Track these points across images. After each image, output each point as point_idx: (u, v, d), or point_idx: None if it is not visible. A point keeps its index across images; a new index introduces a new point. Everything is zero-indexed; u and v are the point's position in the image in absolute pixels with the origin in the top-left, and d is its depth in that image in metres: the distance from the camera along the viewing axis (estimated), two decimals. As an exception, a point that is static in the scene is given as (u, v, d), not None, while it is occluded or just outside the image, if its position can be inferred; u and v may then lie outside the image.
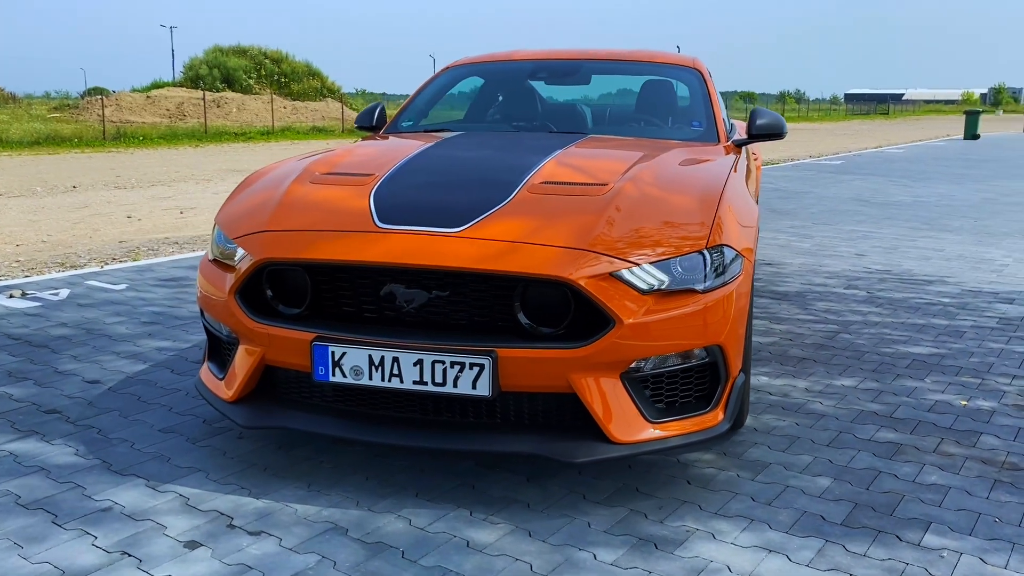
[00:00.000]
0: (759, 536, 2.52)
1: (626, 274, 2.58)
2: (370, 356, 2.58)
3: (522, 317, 2.59)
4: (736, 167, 3.43)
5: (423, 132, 4.23)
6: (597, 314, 2.56)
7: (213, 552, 2.40)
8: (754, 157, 5.21)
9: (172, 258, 6.76)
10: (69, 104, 35.65)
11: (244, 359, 2.84)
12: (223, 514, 2.61)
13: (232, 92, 40.73)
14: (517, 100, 4.51)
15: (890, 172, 16.01)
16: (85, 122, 28.66)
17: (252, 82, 43.91)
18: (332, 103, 43.03)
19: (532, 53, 4.76)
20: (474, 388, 2.53)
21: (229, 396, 2.88)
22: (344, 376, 2.62)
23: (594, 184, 2.94)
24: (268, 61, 45.95)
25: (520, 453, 2.59)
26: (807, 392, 3.75)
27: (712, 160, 3.46)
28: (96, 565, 2.32)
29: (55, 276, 6.05)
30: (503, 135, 4.01)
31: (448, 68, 4.78)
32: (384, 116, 4.51)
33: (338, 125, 35.20)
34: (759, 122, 4.09)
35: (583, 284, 2.51)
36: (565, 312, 2.61)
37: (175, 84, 42.50)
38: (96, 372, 3.90)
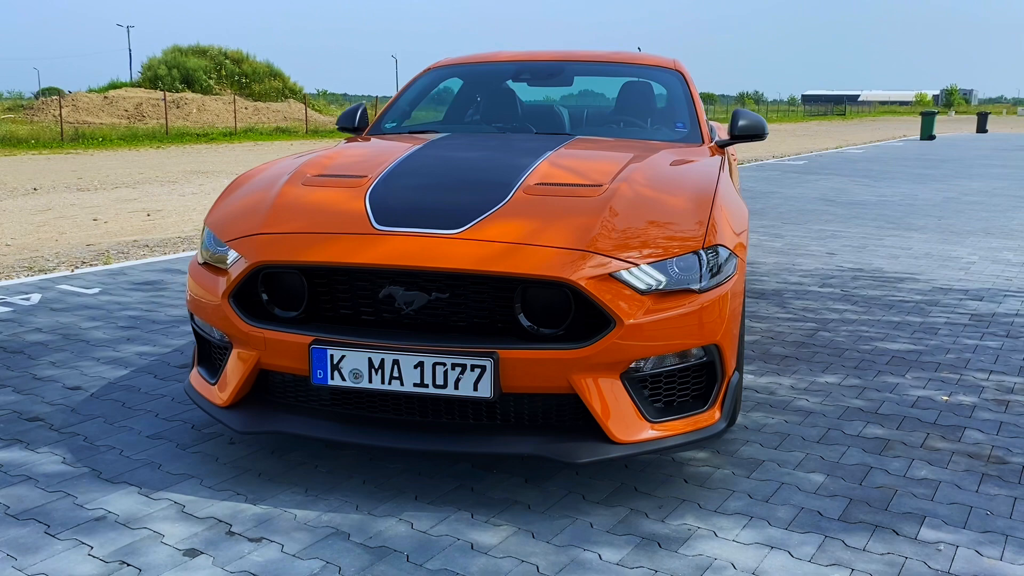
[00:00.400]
0: (760, 533, 2.54)
1: (625, 275, 2.59)
2: (370, 359, 2.57)
3: (522, 318, 2.59)
4: (723, 168, 3.47)
5: (407, 133, 4.21)
6: (597, 315, 2.57)
7: (214, 560, 2.36)
8: (733, 158, 5.26)
9: (144, 261, 6.65)
10: (23, 105, 34.90)
11: (238, 364, 2.81)
12: (221, 521, 2.57)
13: (192, 93, 40.21)
14: (500, 102, 4.51)
15: (852, 172, 16.27)
16: (41, 123, 28.10)
17: (212, 83, 43.38)
18: (294, 104, 42.63)
19: (514, 54, 4.76)
20: (475, 390, 2.53)
21: (223, 401, 2.84)
22: (343, 379, 2.60)
23: (589, 185, 2.95)
24: (228, 61, 45.42)
25: (521, 454, 2.58)
26: (792, 390, 3.80)
27: (701, 161, 3.49)
28: None
29: (24, 280, 5.92)
30: (490, 137, 4.00)
31: (430, 69, 4.76)
32: (366, 117, 4.48)
33: (301, 126, 34.89)
34: (741, 123, 4.14)
35: (584, 285, 2.52)
36: (564, 313, 2.61)
37: (133, 84, 41.84)
38: (76, 378, 3.82)
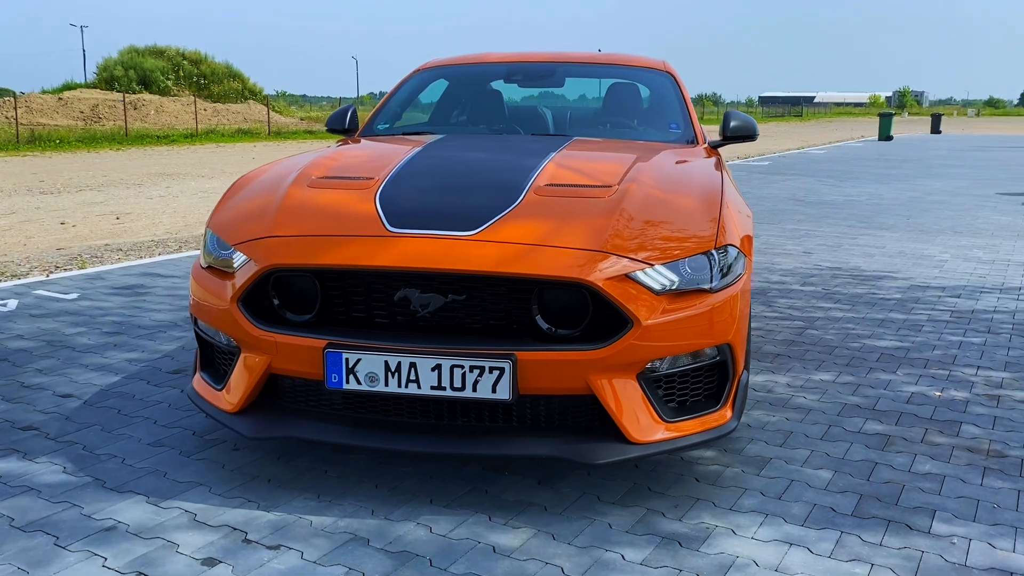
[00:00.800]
0: (777, 530, 2.57)
1: (640, 275, 2.60)
2: (386, 362, 2.54)
3: (539, 320, 2.59)
4: (724, 168, 3.49)
5: (401, 135, 4.18)
6: (614, 315, 2.58)
7: (233, 568, 2.32)
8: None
9: (121, 266, 6.53)
10: (-27, 106, 34.09)
11: (247, 369, 2.77)
12: (236, 529, 2.53)
13: (149, 94, 39.62)
14: (492, 103, 4.49)
15: (817, 172, 16.52)
16: (-7, 125, 27.45)
17: (170, 84, 42.78)
18: (255, 105, 42.17)
19: (503, 56, 4.75)
20: (494, 392, 2.52)
21: (231, 407, 2.80)
22: (359, 383, 2.57)
23: (598, 186, 2.95)
24: (186, 62, 44.82)
25: (539, 456, 2.58)
26: (789, 387, 3.84)
27: (702, 162, 3.51)
28: (114, 587, 2.23)
29: (-2, 286, 5.78)
30: (490, 138, 3.99)
31: (419, 70, 4.74)
32: (356, 119, 4.44)
33: (263, 127, 34.50)
34: (732, 124, 4.17)
35: (602, 285, 2.52)
36: (580, 314, 2.61)
37: (88, 86, 41.11)
38: (67, 386, 3.74)
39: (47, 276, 6.15)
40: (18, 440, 3.15)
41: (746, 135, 4.19)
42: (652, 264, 2.62)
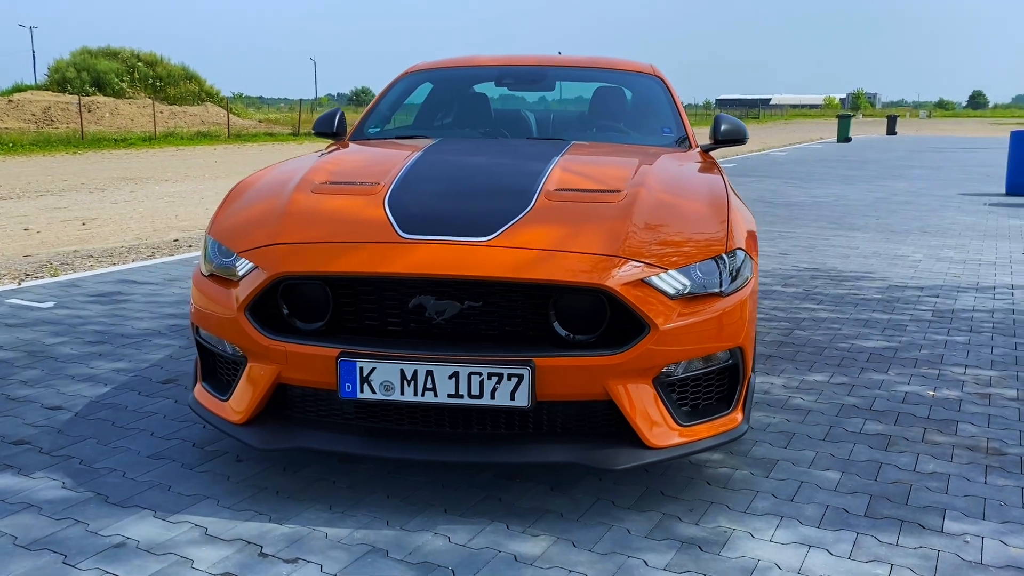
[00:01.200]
0: (794, 532, 2.58)
1: (655, 280, 2.60)
2: (402, 370, 2.51)
3: (558, 326, 2.57)
4: (722, 172, 3.51)
5: (394, 139, 4.14)
6: (631, 320, 2.57)
7: (253, 583, 2.28)
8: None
9: (94, 273, 6.38)
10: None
11: (255, 378, 2.71)
12: (250, 543, 2.48)
13: (103, 96, 38.89)
14: (484, 107, 4.47)
15: (781, 174, 16.72)
16: (-58, 128, 26.76)
17: (125, 86, 42.04)
18: (212, 107, 41.62)
19: (491, 59, 4.73)
20: (512, 399, 2.50)
21: (238, 418, 2.74)
22: (373, 392, 2.54)
23: (607, 191, 2.95)
24: (141, 64, 44.10)
25: (558, 463, 2.56)
26: (785, 388, 3.87)
27: (703, 166, 3.53)
28: (132, 606, 2.17)
29: (-31, 295, 5.61)
30: (488, 142, 3.97)
31: (407, 73, 4.70)
32: (344, 122, 4.39)
33: (222, 130, 34.05)
34: (723, 128, 4.20)
35: (620, 291, 2.51)
36: (595, 319, 2.60)
37: (39, 87, 40.21)
38: (55, 397, 3.64)
39: (19, 284, 5.99)
40: (11, 455, 3.05)
41: (736, 139, 4.23)
42: (666, 269, 2.62)
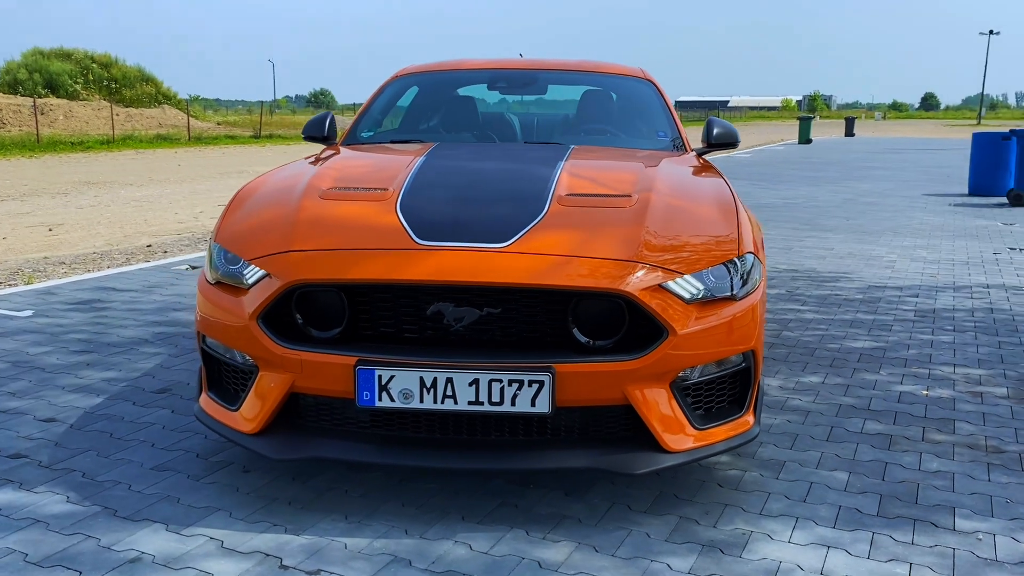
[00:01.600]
0: (811, 533, 2.60)
1: (672, 285, 2.61)
2: (421, 378, 2.49)
3: (577, 332, 2.57)
4: (723, 176, 3.54)
5: (389, 143, 4.11)
6: (648, 325, 2.58)
7: (277, 597, 2.24)
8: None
9: (70, 280, 6.24)
10: None
11: (267, 388, 2.67)
12: (269, 555, 2.44)
13: (57, 98, 38.11)
14: (477, 110, 4.46)
15: (749, 176, 16.91)
16: None
17: (79, 88, 41.26)
18: (169, 110, 41.01)
19: (481, 62, 4.72)
20: (533, 405, 2.49)
21: (250, 428, 2.70)
22: (392, 400, 2.51)
23: (618, 195, 2.96)
24: (96, 65, 43.32)
25: (578, 468, 2.56)
26: (782, 390, 3.91)
27: (703, 170, 3.55)
28: (156, 623, 2.12)
29: (-58, 304, 5.46)
30: (488, 146, 3.95)
31: (397, 76, 4.67)
32: (335, 126, 4.34)
33: (181, 133, 33.53)
34: (715, 132, 4.23)
35: (640, 296, 2.52)
36: (612, 324, 2.61)
37: (-12, 89, 39.32)
38: (47, 409, 3.55)
39: (-7, 292, 5.84)
40: (9, 469, 2.97)
41: (728, 143, 4.26)
42: (682, 273, 2.64)
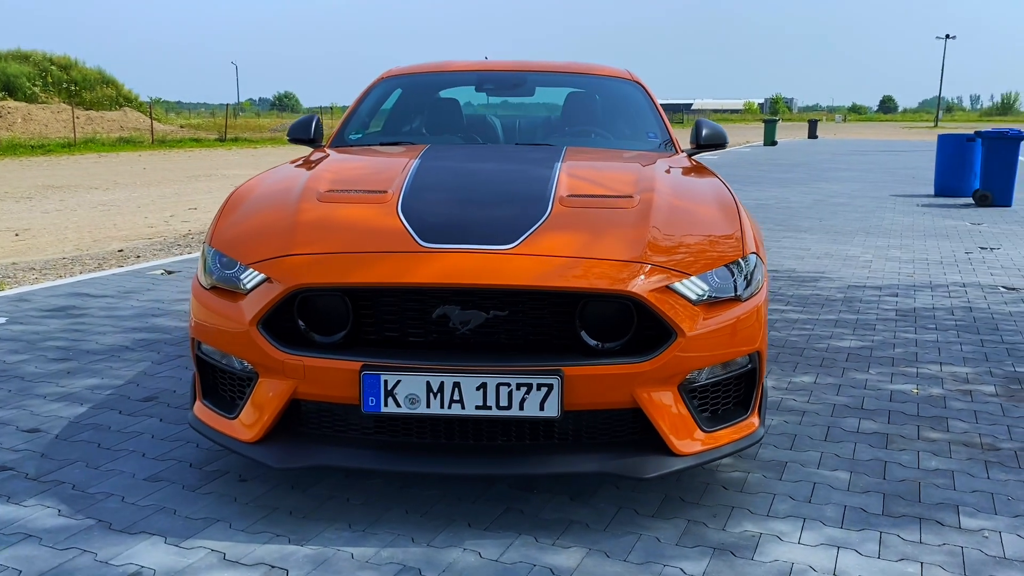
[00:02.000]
0: (820, 534, 2.60)
1: (679, 286, 2.59)
2: (428, 383, 2.45)
3: (585, 335, 2.54)
4: (719, 177, 3.53)
5: (379, 145, 4.06)
6: (656, 327, 2.56)
7: (286, 610, 2.18)
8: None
9: (43, 286, 6.09)
10: None
11: (268, 395, 2.61)
12: (275, 566, 2.38)
13: (15, 101, 37.34)
14: (466, 112, 4.42)
15: (718, 177, 17.01)
16: None
17: (38, 90, 40.47)
18: (131, 112, 40.39)
19: (467, 64, 4.68)
20: (542, 409, 2.46)
21: (251, 437, 2.63)
22: (398, 406, 2.47)
23: (619, 196, 2.94)
24: (55, 68, 42.52)
25: (588, 472, 2.53)
26: (776, 390, 3.92)
27: (698, 170, 3.55)
28: (163, 640, 2.05)
29: (-90, 312, 5.29)
30: (481, 148, 3.92)
31: (383, 78, 4.61)
32: (321, 128, 4.28)
33: (142, 135, 32.99)
34: (704, 133, 4.24)
35: (648, 297, 2.50)
36: (619, 326, 2.58)
37: (-58, 92, 38.42)
38: (30, 419, 3.45)
39: (-37, 299, 5.68)
40: (-5, 482, 2.88)
41: (717, 143, 4.26)
42: (688, 275, 2.62)
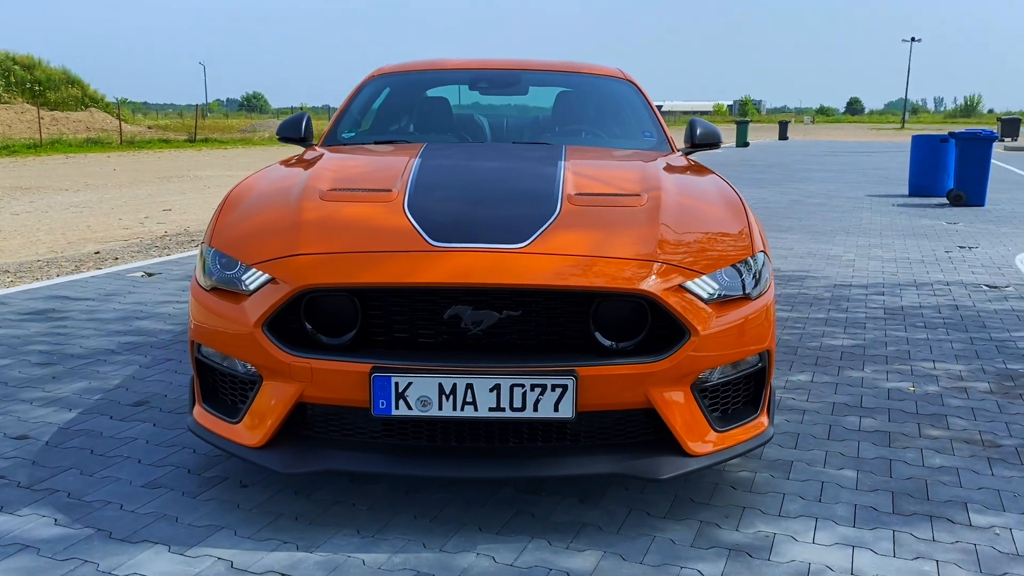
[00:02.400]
0: (834, 533, 2.58)
1: (691, 285, 2.56)
2: (440, 384, 2.40)
3: (600, 335, 2.51)
4: (720, 175, 3.52)
5: (373, 144, 4.00)
6: (670, 327, 2.53)
7: (300, 619, 2.12)
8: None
9: (19, 289, 5.94)
10: None
11: (273, 398, 2.54)
12: (286, 574, 2.32)
13: (-25, 101, 36.69)
14: (459, 110, 4.37)
15: (694, 177, 17.08)
16: None
17: (0, 90, 39.77)
18: (98, 113, 39.80)
19: (459, 62, 4.63)
20: (556, 410, 2.42)
21: (255, 441, 2.56)
22: (410, 408, 2.42)
23: (627, 195, 2.91)
24: (17, 67, 41.83)
25: (602, 474, 2.50)
26: (775, 389, 3.90)
27: (699, 169, 3.53)
28: (176, 652, 1.99)
29: None
30: (480, 146, 3.87)
31: (374, 76, 4.55)
32: (311, 127, 4.20)
33: (109, 136, 32.47)
34: (699, 132, 4.23)
35: (663, 296, 2.47)
36: (633, 325, 2.55)
37: (-100, 91, 37.64)
38: (17, 425, 3.35)
39: (-62, 303, 5.52)
40: (-15, 491, 2.78)
41: (712, 143, 4.26)
42: (700, 273, 2.60)
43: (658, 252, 2.58)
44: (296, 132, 4.15)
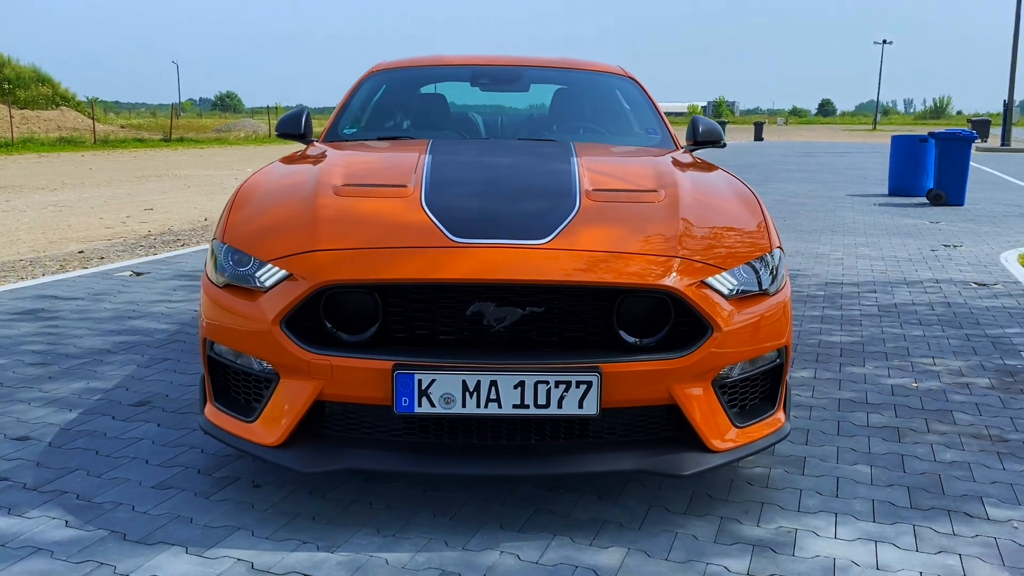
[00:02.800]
0: (855, 528, 2.59)
1: (713, 280, 2.56)
2: (464, 381, 2.37)
3: (624, 333, 2.49)
4: (730, 172, 3.52)
5: (376, 139, 3.97)
6: (692, 322, 2.52)
7: (328, 620, 2.09)
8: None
9: (5, 289, 5.83)
10: None
11: (291, 397, 2.50)
12: (309, 575, 2.28)
13: (-57, 99, 36.04)
14: (464, 107, 4.35)
15: (675, 177, 17.15)
16: None
17: (-32, 89, 39.16)
18: (69, 112, 39.26)
19: (460, 59, 4.60)
20: (580, 407, 2.40)
21: (273, 440, 2.52)
22: (433, 406, 2.39)
23: (644, 191, 2.90)
24: (-14, 65, 41.22)
25: (626, 471, 2.48)
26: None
27: (709, 166, 3.53)
28: (205, 655, 1.94)
29: None
30: (487, 143, 3.84)
31: (372, 72, 4.51)
32: (310, 123, 4.15)
33: (82, 135, 32.04)
34: (702, 129, 4.22)
35: (686, 292, 2.46)
36: (655, 321, 2.54)
37: None
38: (17, 427, 3.28)
39: (-78, 303, 5.40)
40: (-9, 493, 2.72)
41: (714, 140, 4.25)
42: (721, 269, 2.59)
43: (679, 248, 2.57)
44: (296, 128, 4.10)
